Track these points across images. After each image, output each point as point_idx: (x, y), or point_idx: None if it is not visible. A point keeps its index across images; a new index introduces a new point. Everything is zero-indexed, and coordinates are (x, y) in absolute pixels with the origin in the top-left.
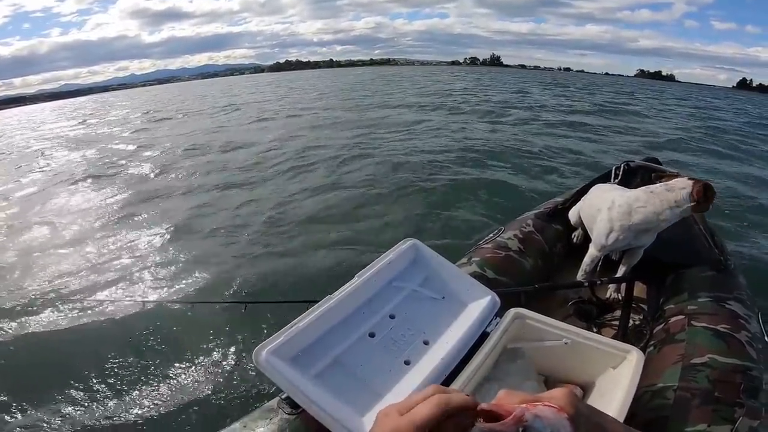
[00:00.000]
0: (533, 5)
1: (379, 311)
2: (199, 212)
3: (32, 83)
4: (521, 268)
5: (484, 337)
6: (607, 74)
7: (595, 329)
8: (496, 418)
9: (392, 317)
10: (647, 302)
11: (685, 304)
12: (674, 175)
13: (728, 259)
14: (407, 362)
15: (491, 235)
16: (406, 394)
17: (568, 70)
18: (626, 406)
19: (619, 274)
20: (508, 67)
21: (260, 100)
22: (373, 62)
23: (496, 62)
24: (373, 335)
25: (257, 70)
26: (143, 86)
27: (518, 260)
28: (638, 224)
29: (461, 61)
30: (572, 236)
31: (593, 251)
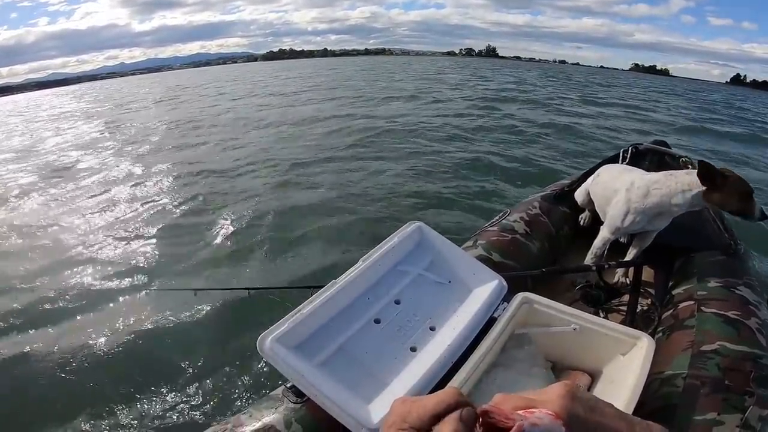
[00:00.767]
0: None
1: (384, 296)
2: (203, 198)
3: (19, 72)
4: (528, 251)
5: (491, 322)
6: (602, 67)
7: (602, 314)
8: (489, 422)
9: (398, 303)
10: (655, 287)
11: (694, 289)
12: (688, 159)
13: (738, 243)
14: (413, 349)
15: (497, 217)
16: (412, 381)
17: (563, 62)
18: (637, 394)
19: (628, 257)
20: (503, 58)
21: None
22: (368, 52)
23: (491, 53)
24: (378, 321)
25: (250, 58)
26: (133, 75)
27: (525, 243)
28: (652, 207)
29: (457, 51)
30: (579, 218)
31: (606, 234)
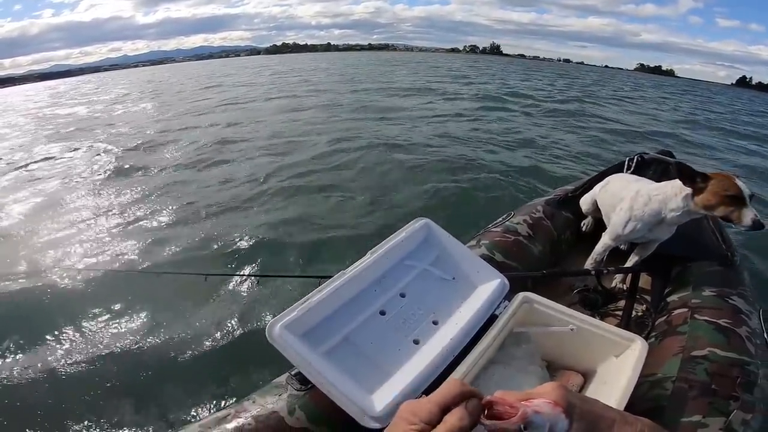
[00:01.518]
0: None
1: (390, 289)
2: (214, 184)
3: (22, 64)
4: (529, 253)
5: (491, 319)
6: (606, 67)
7: (598, 318)
8: (494, 413)
9: (403, 296)
10: (651, 293)
11: (689, 297)
12: None
13: (735, 254)
14: (416, 341)
15: (501, 219)
16: (414, 373)
17: (568, 61)
18: (627, 394)
19: (628, 264)
20: (507, 56)
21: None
22: (371, 47)
23: (495, 51)
24: (383, 313)
25: (253, 52)
26: (136, 66)
27: (527, 245)
28: (651, 214)
29: (461, 48)
30: (582, 224)
31: (607, 240)
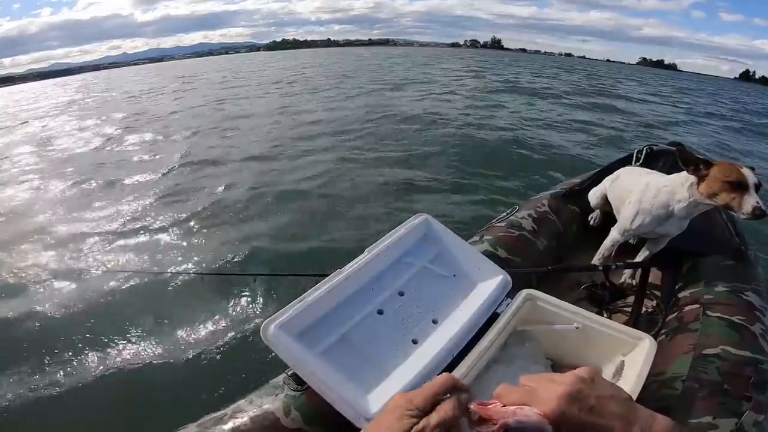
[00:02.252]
0: None
1: (388, 288)
2: (210, 183)
3: (21, 63)
4: (534, 248)
5: (494, 317)
6: (608, 61)
7: (606, 315)
8: (482, 417)
9: (401, 294)
10: (662, 289)
11: (701, 292)
12: None
13: (748, 248)
14: (415, 341)
15: (505, 213)
16: (413, 373)
17: (569, 55)
18: (635, 394)
19: (638, 259)
20: (508, 50)
21: None
22: (371, 42)
23: (496, 45)
24: (381, 312)
25: (253, 48)
26: (135, 65)
27: (531, 240)
28: (659, 207)
29: (461, 43)
30: (588, 218)
31: (615, 235)
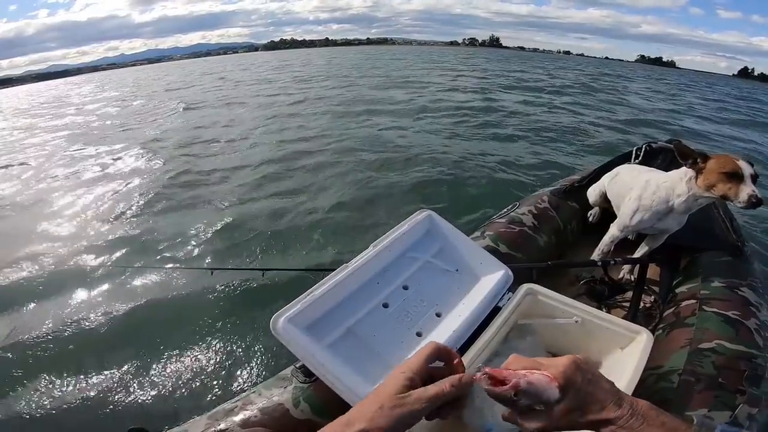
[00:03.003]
0: None
1: (393, 282)
2: (219, 180)
3: (19, 65)
4: (535, 244)
5: (495, 311)
6: (607, 58)
7: (605, 309)
8: (497, 379)
9: (406, 288)
10: (660, 285)
11: (697, 288)
12: None
13: (745, 244)
14: (419, 334)
15: (506, 210)
16: None
17: (567, 53)
18: (632, 387)
19: (636, 255)
20: (507, 48)
21: None
22: (369, 41)
23: (495, 44)
24: (386, 306)
25: (251, 48)
26: (133, 65)
27: (532, 236)
28: (659, 203)
29: (460, 41)
30: (588, 215)
31: (615, 231)
